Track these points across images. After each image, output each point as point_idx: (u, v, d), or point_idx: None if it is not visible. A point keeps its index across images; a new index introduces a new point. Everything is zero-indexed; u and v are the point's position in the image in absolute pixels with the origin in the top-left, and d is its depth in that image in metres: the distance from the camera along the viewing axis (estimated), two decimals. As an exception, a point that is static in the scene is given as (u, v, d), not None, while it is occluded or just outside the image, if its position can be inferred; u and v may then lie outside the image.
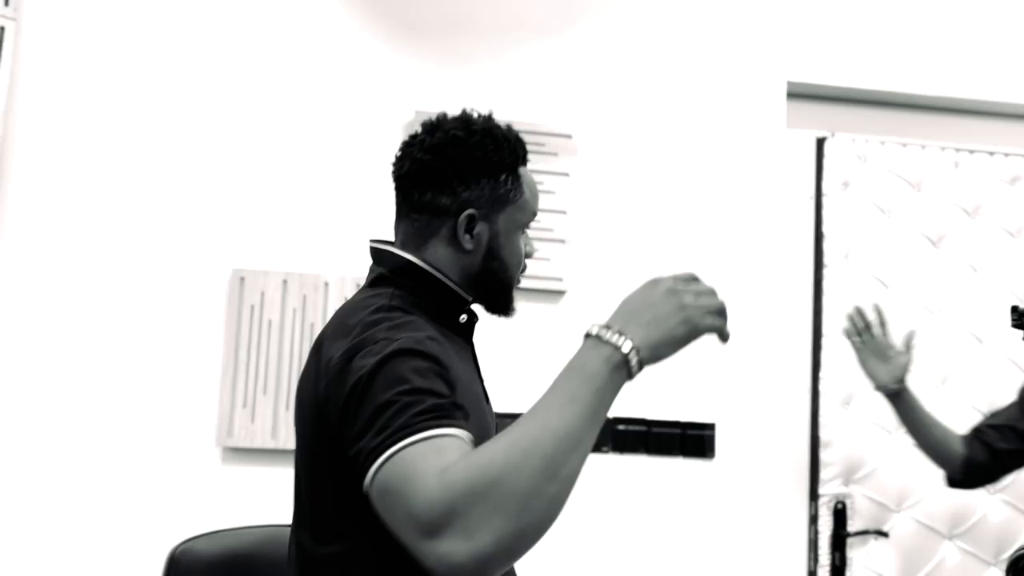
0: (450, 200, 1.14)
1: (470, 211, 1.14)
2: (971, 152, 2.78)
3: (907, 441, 2.14)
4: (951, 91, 2.71)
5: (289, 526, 1.26)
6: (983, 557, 2.61)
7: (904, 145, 2.74)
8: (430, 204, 1.15)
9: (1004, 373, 2.59)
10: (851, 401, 2.59)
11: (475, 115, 1.20)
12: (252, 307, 2.32)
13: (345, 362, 0.98)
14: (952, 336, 2.67)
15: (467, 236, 1.15)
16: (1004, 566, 2.30)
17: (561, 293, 2.46)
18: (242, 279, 2.32)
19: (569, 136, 2.47)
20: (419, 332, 1.02)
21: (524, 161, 1.22)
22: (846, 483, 2.57)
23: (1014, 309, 1.07)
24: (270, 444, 2.29)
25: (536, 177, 2.44)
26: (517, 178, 1.20)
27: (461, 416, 0.93)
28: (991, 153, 2.78)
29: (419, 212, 1.16)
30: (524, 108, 2.50)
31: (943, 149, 2.77)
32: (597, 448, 2.23)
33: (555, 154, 2.45)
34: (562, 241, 2.43)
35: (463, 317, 1.21)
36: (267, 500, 2.30)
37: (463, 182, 1.14)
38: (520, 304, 2.50)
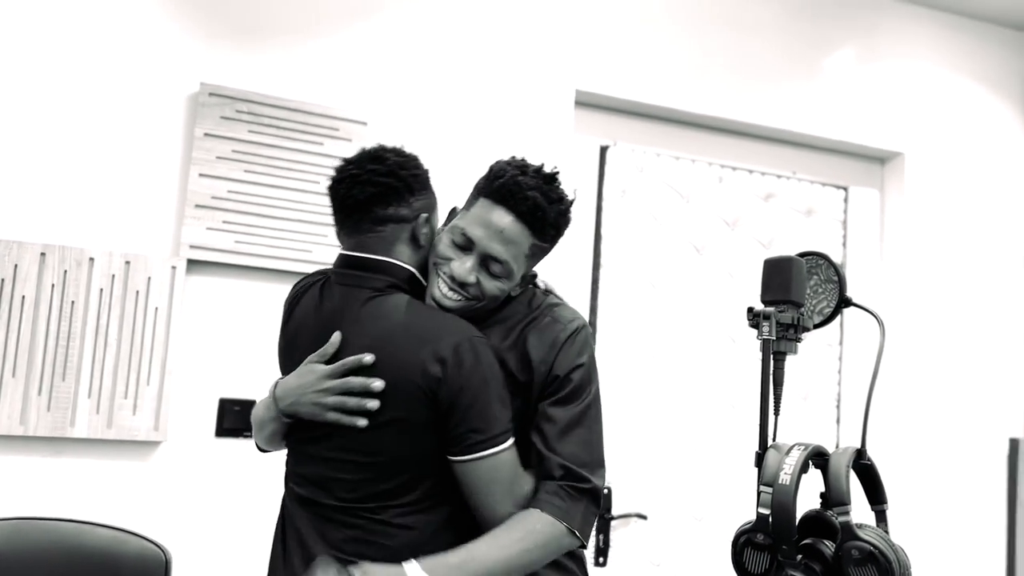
0: (408, 210, 1.43)
1: (425, 215, 1.45)
2: (734, 169, 3.05)
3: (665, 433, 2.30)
4: (719, 111, 2.95)
5: (37, 519, 1.17)
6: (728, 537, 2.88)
7: (677, 159, 2.97)
8: (393, 216, 1.42)
9: (752, 370, 2.87)
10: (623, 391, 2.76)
11: (376, 146, 1.50)
12: (3, 281, 2.11)
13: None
14: (709, 336, 2.93)
15: (424, 234, 1.45)
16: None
17: (349, 281, 2.43)
18: (-9, 249, 2.10)
19: (364, 123, 2.45)
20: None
21: None
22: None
23: (750, 310, 1.18)
24: (18, 431, 2.09)
25: (328, 162, 2.43)
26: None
27: None
28: (750, 171, 3.08)
29: (383, 224, 1.42)
30: (319, 91, 2.45)
31: (710, 165, 3.02)
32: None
33: (349, 140, 2.42)
34: (352, 228, 2.40)
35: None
36: (13, 492, 2.10)
37: (414, 195, 1.44)
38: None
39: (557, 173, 1.46)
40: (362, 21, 2.53)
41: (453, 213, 1.50)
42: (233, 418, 2.31)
